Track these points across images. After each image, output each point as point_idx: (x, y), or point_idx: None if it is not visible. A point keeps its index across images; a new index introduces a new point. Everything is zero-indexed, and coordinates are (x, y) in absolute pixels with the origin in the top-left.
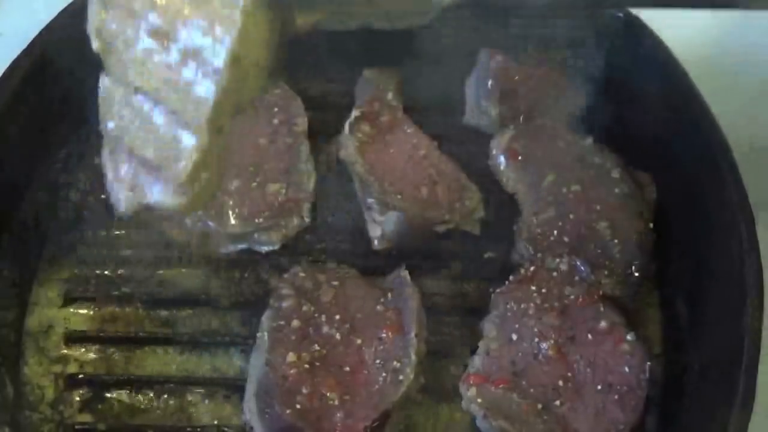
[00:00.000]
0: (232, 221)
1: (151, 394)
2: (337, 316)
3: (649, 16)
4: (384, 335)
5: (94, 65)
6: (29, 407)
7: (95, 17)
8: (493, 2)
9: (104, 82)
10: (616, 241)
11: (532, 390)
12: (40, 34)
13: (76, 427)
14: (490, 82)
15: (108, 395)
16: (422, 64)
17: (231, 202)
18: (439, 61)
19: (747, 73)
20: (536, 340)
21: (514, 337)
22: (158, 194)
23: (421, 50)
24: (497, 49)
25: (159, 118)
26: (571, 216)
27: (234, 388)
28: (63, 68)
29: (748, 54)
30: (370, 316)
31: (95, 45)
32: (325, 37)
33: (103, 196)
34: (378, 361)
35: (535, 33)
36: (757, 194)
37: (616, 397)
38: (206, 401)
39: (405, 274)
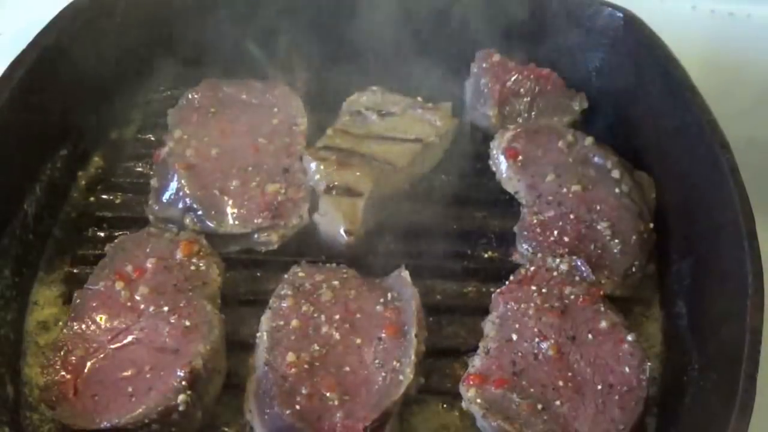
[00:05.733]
0: (232, 221)
1: None
2: (337, 316)
3: (650, 17)
4: (384, 335)
5: (94, 65)
6: (29, 407)
7: None
8: None
9: None
10: (616, 241)
11: (532, 390)
12: (40, 34)
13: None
14: (489, 83)
15: None
16: (423, 64)
17: (231, 202)
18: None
19: (747, 73)
20: (536, 340)
21: (514, 337)
22: None
23: (423, 51)
24: (495, 49)
25: None
26: (571, 216)
27: (234, 387)
28: (63, 68)
29: (748, 54)
30: (369, 316)
31: None
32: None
33: (103, 196)
34: (378, 361)
35: (534, 33)
36: (757, 194)
37: (616, 397)
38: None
39: (405, 274)
